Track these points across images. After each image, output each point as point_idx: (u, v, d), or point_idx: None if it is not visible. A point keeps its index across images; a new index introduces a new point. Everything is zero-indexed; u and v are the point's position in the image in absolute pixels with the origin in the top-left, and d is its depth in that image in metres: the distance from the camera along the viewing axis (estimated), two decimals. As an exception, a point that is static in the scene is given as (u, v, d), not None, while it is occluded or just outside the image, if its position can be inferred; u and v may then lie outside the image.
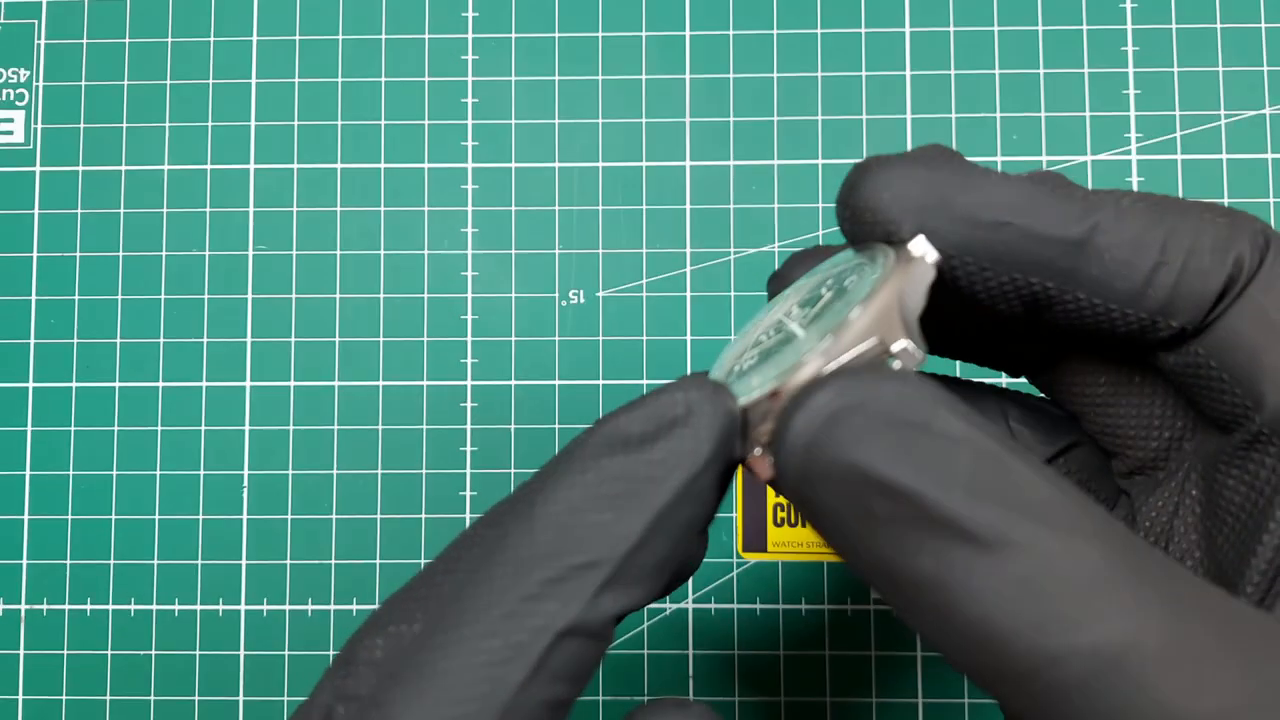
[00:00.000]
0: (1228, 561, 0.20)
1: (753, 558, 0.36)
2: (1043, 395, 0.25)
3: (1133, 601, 0.15)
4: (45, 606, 0.37)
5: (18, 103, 0.38)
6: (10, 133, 0.38)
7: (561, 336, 0.37)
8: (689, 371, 0.29)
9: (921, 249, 0.19)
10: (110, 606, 0.36)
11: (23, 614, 0.37)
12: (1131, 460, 0.23)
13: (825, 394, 0.16)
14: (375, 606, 0.31)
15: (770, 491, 0.36)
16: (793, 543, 0.36)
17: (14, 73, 0.38)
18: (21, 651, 0.36)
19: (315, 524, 0.37)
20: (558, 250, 0.38)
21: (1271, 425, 0.19)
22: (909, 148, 0.37)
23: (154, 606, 0.36)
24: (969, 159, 0.20)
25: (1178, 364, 0.20)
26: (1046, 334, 0.22)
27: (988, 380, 0.25)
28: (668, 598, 0.36)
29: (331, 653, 0.36)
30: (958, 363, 0.35)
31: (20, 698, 0.36)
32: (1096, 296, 0.20)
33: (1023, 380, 0.26)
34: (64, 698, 0.36)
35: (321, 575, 0.37)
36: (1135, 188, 0.37)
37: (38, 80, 0.38)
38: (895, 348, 0.18)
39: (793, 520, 0.36)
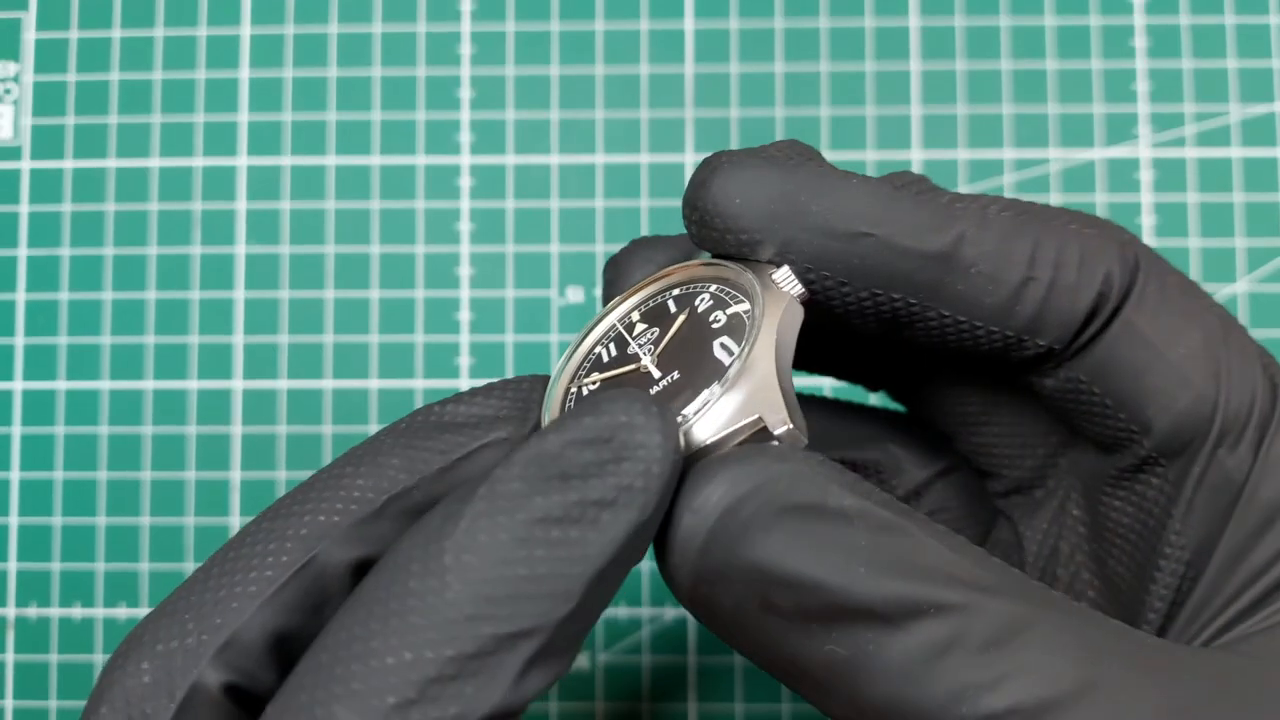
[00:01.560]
0: (1124, 584, 0.20)
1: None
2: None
3: (1042, 653, 0.15)
4: (33, 611, 0.36)
5: (5, 97, 0.38)
6: (-2, 128, 0.38)
7: (559, 336, 0.37)
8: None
9: (787, 284, 0.18)
10: (99, 611, 0.36)
11: (11, 619, 0.36)
12: (1008, 480, 0.22)
13: (714, 487, 0.15)
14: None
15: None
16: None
17: (2, 66, 0.38)
18: (10, 656, 0.36)
19: (307, 527, 0.36)
20: (555, 247, 0.37)
21: (1160, 449, 0.19)
22: (915, 143, 0.37)
23: (144, 611, 0.36)
24: (828, 159, 0.19)
25: (1056, 389, 0.20)
26: (905, 352, 0.21)
27: (860, 402, 0.24)
28: (667, 602, 0.36)
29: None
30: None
31: (9, 704, 0.36)
32: (961, 314, 0.19)
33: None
34: (52, 704, 0.36)
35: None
36: (1144, 185, 0.37)
37: (26, 75, 0.38)
38: (777, 431, 0.17)
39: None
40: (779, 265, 0.18)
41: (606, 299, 0.21)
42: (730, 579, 0.15)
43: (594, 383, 0.19)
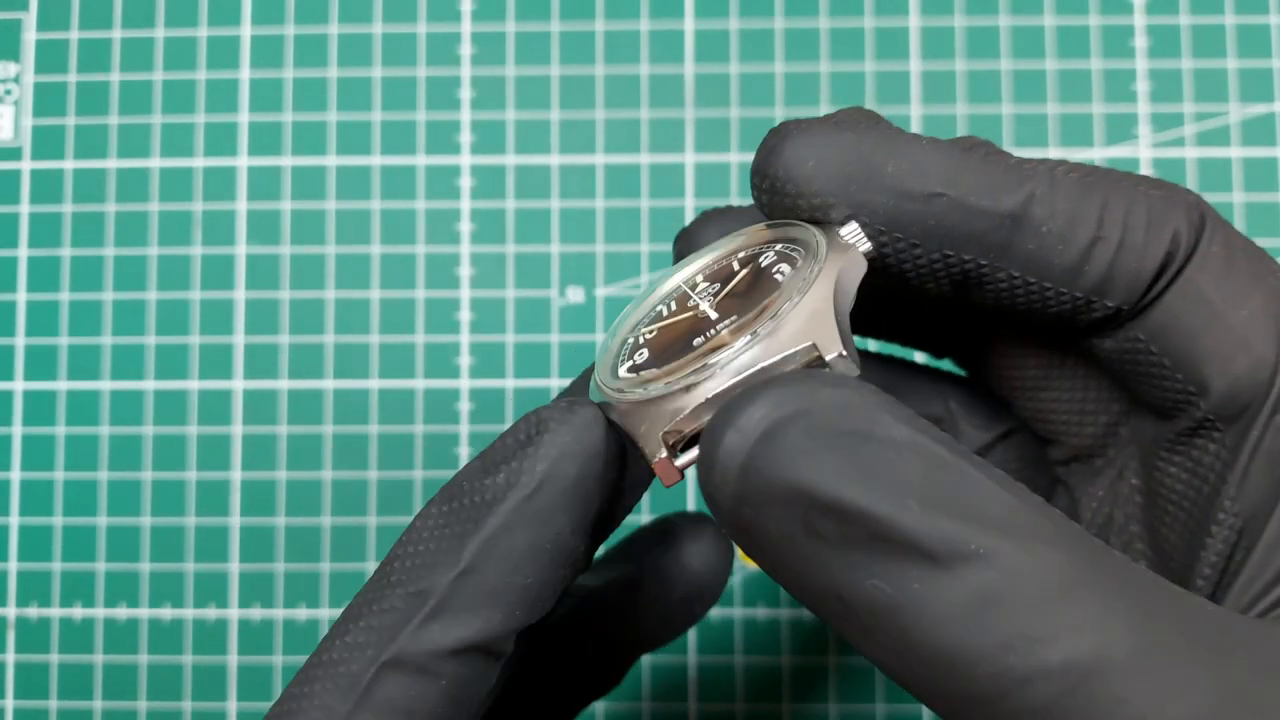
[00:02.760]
0: (1175, 551, 0.20)
1: (754, 564, 0.36)
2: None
3: (1100, 610, 0.14)
4: (33, 611, 0.36)
5: (5, 97, 0.38)
6: (-2, 128, 0.38)
7: (559, 336, 0.37)
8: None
9: (855, 237, 0.18)
10: (100, 612, 0.36)
11: (11, 619, 0.36)
12: (1068, 448, 0.22)
13: (759, 406, 0.15)
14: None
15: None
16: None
17: (2, 67, 0.38)
18: (10, 656, 0.36)
19: (307, 528, 0.36)
20: (555, 247, 0.37)
21: (1217, 411, 0.19)
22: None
23: (144, 612, 0.36)
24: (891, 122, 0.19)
25: (1114, 349, 0.20)
26: (974, 314, 0.21)
27: (923, 362, 0.25)
28: (668, 603, 0.36)
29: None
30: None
31: (9, 704, 0.36)
32: (1031, 274, 0.19)
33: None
34: (53, 704, 0.36)
35: (314, 581, 0.36)
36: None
37: (26, 75, 0.38)
38: (829, 357, 0.16)
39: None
40: (846, 222, 0.19)
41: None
42: (773, 501, 0.15)
43: (651, 331, 0.19)
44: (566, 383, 0.37)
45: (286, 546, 0.36)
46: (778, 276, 0.18)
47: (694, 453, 0.17)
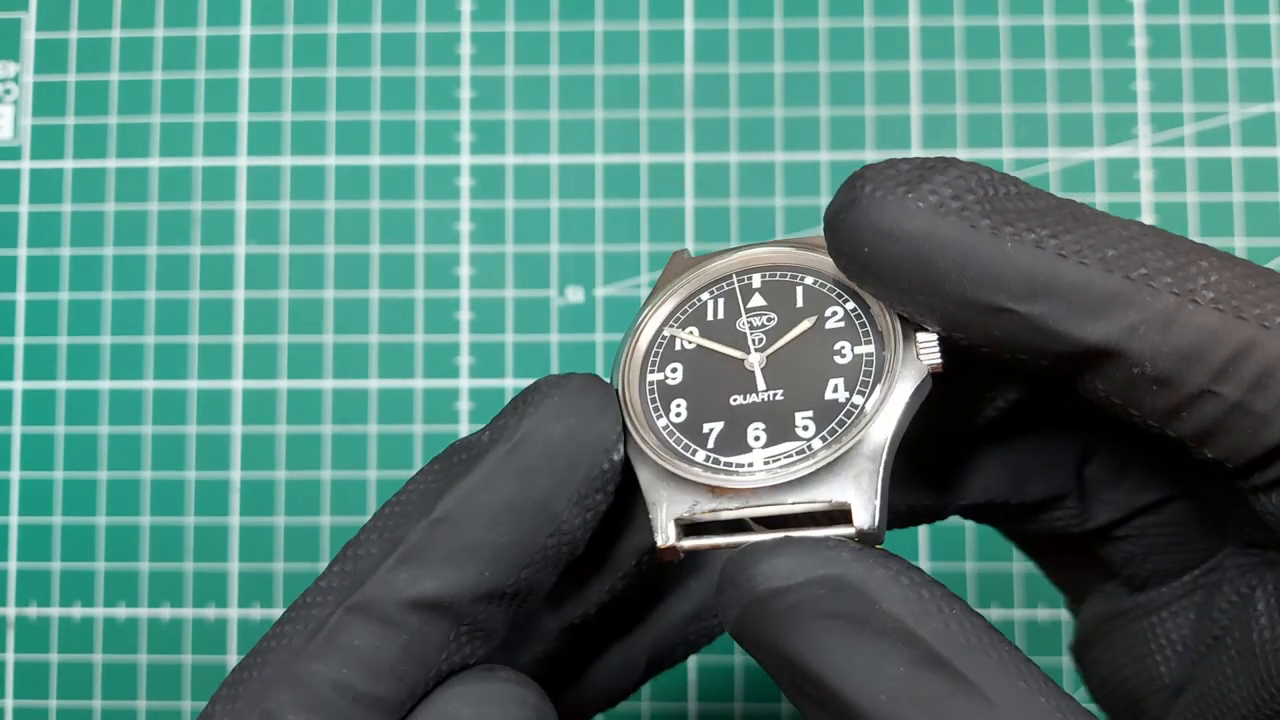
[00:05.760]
0: None
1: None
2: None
3: None
4: (33, 611, 0.36)
5: (5, 97, 0.38)
6: (-2, 128, 0.38)
7: (559, 336, 0.37)
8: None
9: (928, 352, 0.17)
10: (99, 611, 0.36)
11: (11, 619, 0.36)
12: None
13: (763, 568, 0.15)
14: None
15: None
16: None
17: (2, 66, 0.38)
18: (10, 656, 0.36)
19: (307, 528, 0.36)
20: (554, 247, 0.37)
21: None
22: (915, 143, 0.37)
23: (144, 611, 0.36)
24: (1004, 174, 0.17)
25: (1269, 507, 0.16)
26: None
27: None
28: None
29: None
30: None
31: (9, 704, 0.36)
32: (1116, 396, 0.16)
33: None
34: (52, 703, 0.36)
35: (314, 580, 0.36)
36: (1144, 184, 0.37)
37: (26, 75, 0.38)
38: (861, 527, 0.16)
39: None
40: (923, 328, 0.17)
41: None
42: (762, 652, 0.16)
43: (690, 338, 0.19)
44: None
45: (286, 546, 0.36)
46: (838, 358, 0.17)
47: (701, 541, 0.17)
